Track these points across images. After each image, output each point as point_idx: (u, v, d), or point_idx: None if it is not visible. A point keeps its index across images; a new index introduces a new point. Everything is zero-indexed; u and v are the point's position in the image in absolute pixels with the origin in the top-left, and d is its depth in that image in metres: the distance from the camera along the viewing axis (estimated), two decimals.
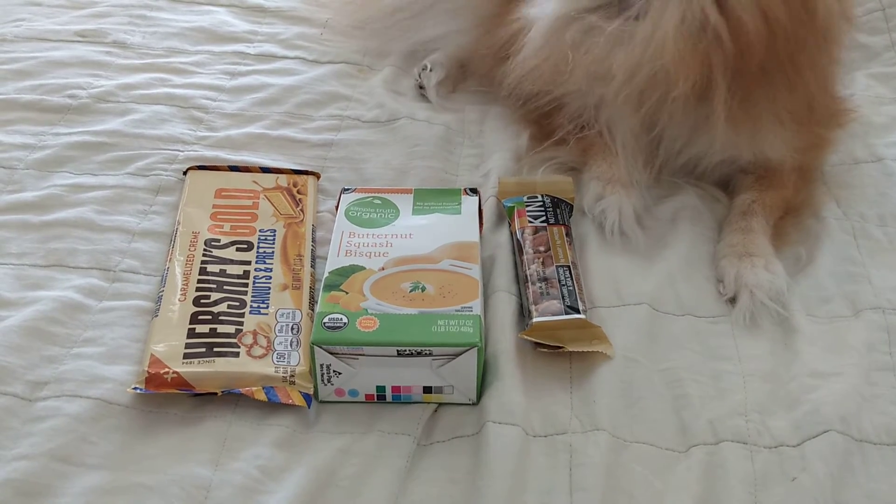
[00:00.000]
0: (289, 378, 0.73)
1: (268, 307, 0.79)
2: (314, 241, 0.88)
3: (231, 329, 0.76)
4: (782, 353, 0.80)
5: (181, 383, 0.72)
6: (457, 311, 0.74)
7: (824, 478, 0.68)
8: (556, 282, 0.81)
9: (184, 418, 0.72)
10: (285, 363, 0.74)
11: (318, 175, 0.97)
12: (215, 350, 0.74)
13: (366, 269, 0.78)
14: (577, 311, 0.79)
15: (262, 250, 0.85)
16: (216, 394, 0.73)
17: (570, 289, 0.81)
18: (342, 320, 0.73)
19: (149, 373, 0.72)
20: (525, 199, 0.92)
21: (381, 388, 0.73)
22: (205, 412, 0.73)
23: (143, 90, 1.10)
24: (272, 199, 0.91)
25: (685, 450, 0.71)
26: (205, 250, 0.84)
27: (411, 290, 0.76)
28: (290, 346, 0.76)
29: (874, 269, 0.88)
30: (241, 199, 0.91)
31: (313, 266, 0.85)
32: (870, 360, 0.78)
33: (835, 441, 0.71)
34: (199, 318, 0.77)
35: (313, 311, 0.79)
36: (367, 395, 0.74)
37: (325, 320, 0.73)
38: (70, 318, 0.79)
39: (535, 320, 0.79)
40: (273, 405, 0.73)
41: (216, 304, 0.79)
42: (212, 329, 0.76)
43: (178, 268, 0.82)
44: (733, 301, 0.84)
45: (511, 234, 0.90)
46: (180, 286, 0.80)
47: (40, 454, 0.68)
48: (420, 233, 0.83)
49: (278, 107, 1.10)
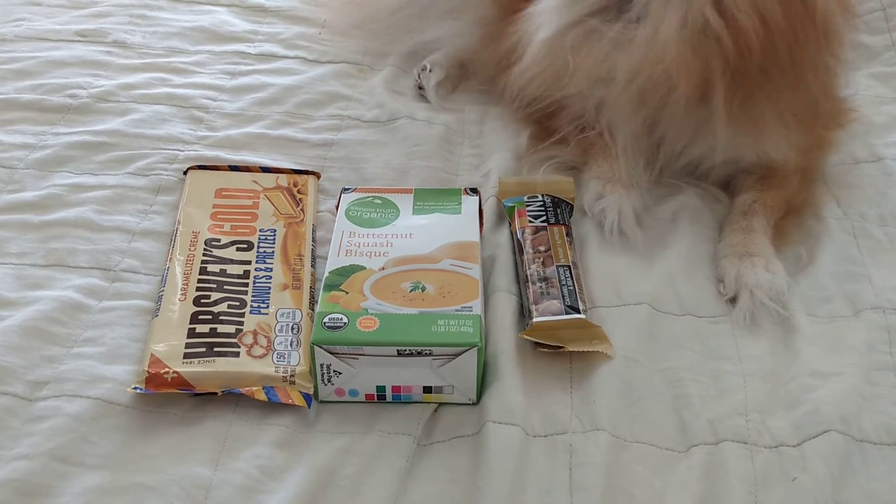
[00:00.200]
0: (289, 378, 0.73)
1: (268, 307, 0.79)
2: (314, 240, 0.88)
3: (231, 329, 0.76)
4: (782, 353, 0.80)
5: (181, 383, 0.72)
6: (457, 310, 0.74)
7: (824, 478, 0.68)
8: (556, 282, 0.81)
9: (184, 418, 0.72)
10: (285, 363, 0.74)
11: (318, 175, 0.97)
12: (215, 350, 0.74)
13: (366, 268, 0.78)
14: (578, 311, 0.79)
15: (262, 250, 0.85)
16: (216, 394, 0.73)
17: (571, 289, 0.81)
18: (342, 320, 0.73)
19: (149, 372, 0.72)
20: (525, 198, 0.92)
21: (381, 388, 0.73)
22: (205, 412, 0.73)
23: (144, 90, 1.10)
24: (272, 198, 0.91)
25: (685, 450, 0.71)
26: (205, 250, 0.84)
27: (411, 290, 0.76)
28: (291, 345, 0.76)
29: (874, 268, 0.88)
30: (241, 199, 0.91)
31: (313, 266, 0.85)
32: (870, 360, 0.78)
33: (835, 441, 0.71)
34: (200, 317, 0.77)
35: (313, 310, 0.79)
36: (367, 395, 0.74)
37: (326, 320, 0.73)
38: (70, 318, 0.79)
39: (535, 320, 0.79)
40: (273, 405, 0.73)
41: (216, 303, 0.79)
42: (212, 329, 0.76)
43: (179, 267, 0.82)
44: (734, 301, 0.84)
45: (511, 233, 0.90)
46: (180, 286, 0.80)
47: (40, 454, 0.68)
48: (420, 233, 0.83)
49: (278, 106, 1.10)
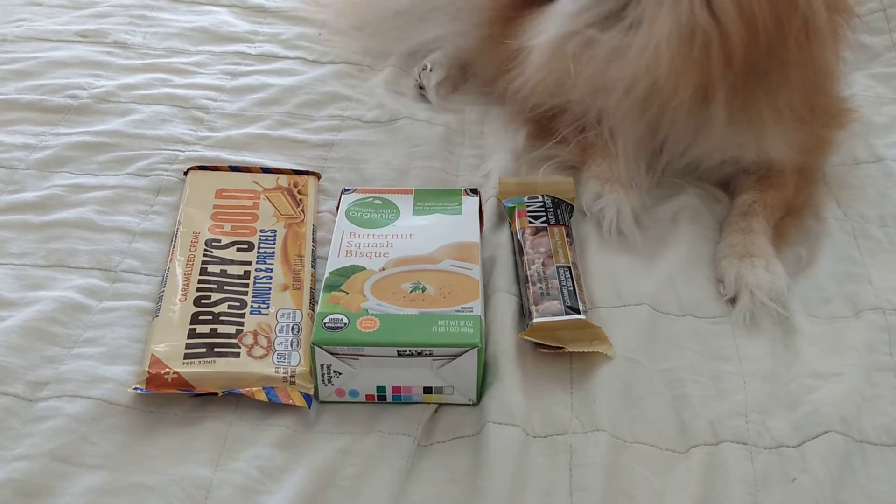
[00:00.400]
0: (289, 378, 0.73)
1: (268, 307, 0.79)
2: (315, 241, 0.88)
3: (231, 329, 0.76)
4: (782, 354, 0.80)
5: (182, 383, 0.72)
6: (457, 311, 0.74)
7: (824, 478, 0.68)
8: (556, 282, 0.81)
9: (184, 418, 0.72)
10: (286, 363, 0.74)
11: (318, 175, 0.97)
12: (216, 350, 0.74)
13: (366, 269, 0.78)
14: (578, 312, 0.79)
15: (262, 250, 0.85)
16: (216, 394, 0.73)
17: (571, 289, 0.81)
18: (343, 321, 0.73)
19: (149, 373, 0.72)
20: (525, 199, 0.92)
21: (381, 389, 0.73)
22: (205, 412, 0.73)
23: (144, 90, 1.10)
24: (273, 199, 0.91)
25: (685, 450, 0.71)
26: (205, 250, 0.84)
27: (412, 291, 0.76)
28: (291, 346, 0.76)
29: (874, 269, 0.88)
30: (241, 200, 0.91)
31: (314, 266, 0.85)
32: (870, 361, 0.78)
33: (835, 442, 0.71)
34: (200, 318, 0.77)
35: (314, 311, 0.79)
36: (367, 396, 0.74)
37: (326, 321, 0.73)
38: (71, 319, 0.79)
39: (535, 321, 0.79)
40: (273, 405, 0.73)
41: (217, 304, 0.79)
42: (212, 329, 0.76)
43: (179, 268, 0.82)
44: (733, 301, 0.84)
45: (511, 234, 0.90)
46: (181, 286, 0.80)
47: (41, 454, 0.68)
48: (420, 233, 0.83)
49: (279, 107, 1.10)
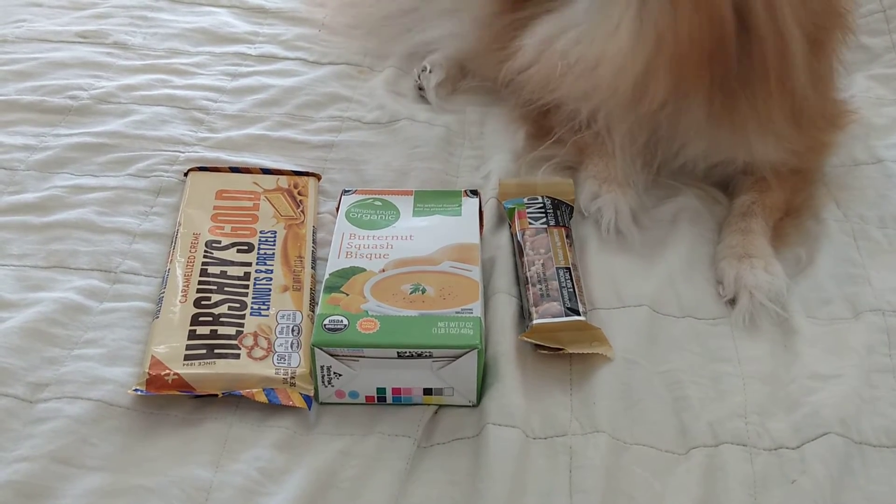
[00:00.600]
0: (289, 380, 0.73)
1: (268, 309, 0.79)
2: (315, 242, 0.88)
3: (232, 330, 0.76)
4: (782, 355, 0.80)
5: (182, 385, 0.72)
6: (457, 312, 0.74)
7: (824, 480, 0.68)
8: (556, 284, 0.82)
9: (184, 420, 0.72)
10: (286, 365, 0.74)
11: (318, 176, 0.97)
12: (216, 352, 0.75)
13: (366, 270, 0.78)
14: (578, 313, 0.79)
15: (262, 252, 0.85)
16: (217, 395, 0.73)
17: (571, 291, 0.81)
18: (343, 322, 0.73)
19: (149, 374, 0.72)
20: (525, 200, 0.92)
21: (381, 390, 0.74)
22: (205, 414, 0.73)
23: (144, 91, 1.10)
24: (273, 200, 0.91)
25: (685, 452, 0.71)
26: (205, 252, 0.84)
27: (412, 292, 0.76)
28: (291, 347, 0.76)
29: (874, 270, 0.88)
30: (241, 201, 0.91)
31: (314, 267, 0.85)
32: (870, 362, 0.78)
33: (834, 443, 0.71)
34: (200, 319, 0.77)
35: (314, 312, 0.79)
36: (367, 397, 0.74)
37: (326, 322, 0.73)
38: (71, 320, 0.79)
39: (535, 322, 0.79)
40: (273, 407, 0.73)
41: (217, 305, 0.79)
42: (212, 330, 0.76)
43: (179, 269, 0.82)
44: (733, 302, 0.84)
45: (511, 235, 0.90)
46: (181, 287, 0.80)
47: (41, 456, 0.68)
48: (420, 234, 0.83)
49: (279, 108, 1.10)
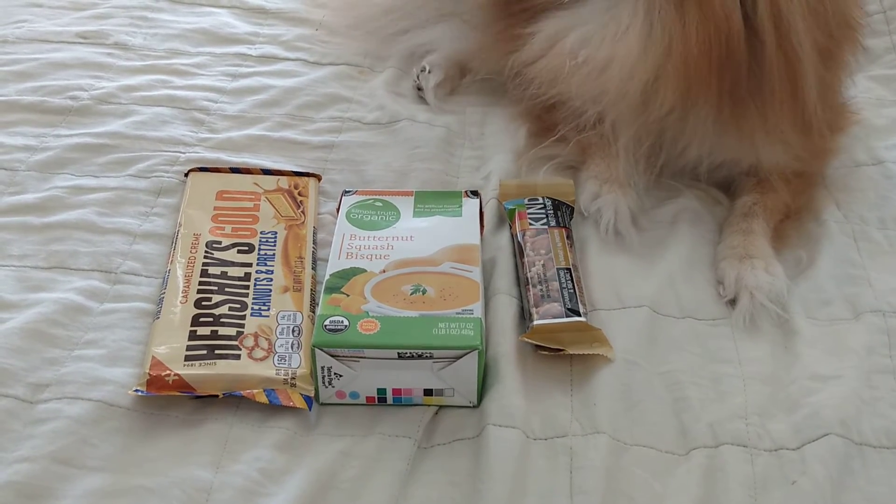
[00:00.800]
0: (290, 380, 0.73)
1: (269, 309, 0.79)
2: (315, 243, 0.88)
3: (232, 331, 0.76)
4: (782, 356, 0.80)
5: (182, 385, 0.72)
6: (457, 313, 0.74)
7: (824, 481, 0.68)
8: (556, 284, 0.81)
9: (185, 420, 0.72)
10: (286, 365, 0.74)
11: (319, 177, 0.97)
12: (216, 352, 0.75)
13: (367, 271, 0.78)
14: (578, 314, 0.79)
15: (263, 252, 0.85)
16: (217, 396, 0.73)
17: (571, 291, 0.81)
18: (343, 323, 0.73)
19: (150, 375, 0.72)
20: (526, 201, 0.92)
21: (381, 391, 0.74)
22: (206, 414, 0.73)
23: (145, 92, 1.10)
24: (273, 201, 0.91)
25: (685, 453, 0.71)
26: (206, 252, 0.84)
27: (412, 293, 0.76)
28: (291, 348, 0.76)
29: (874, 271, 0.88)
30: (242, 201, 0.91)
31: (314, 268, 0.85)
32: (870, 363, 0.78)
33: (835, 444, 0.71)
34: (201, 320, 0.77)
35: (314, 313, 0.79)
36: (367, 398, 0.74)
37: (326, 323, 0.73)
38: (71, 321, 0.79)
39: (535, 323, 0.79)
40: (274, 407, 0.73)
41: (217, 306, 0.79)
42: (213, 331, 0.76)
43: (180, 270, 0.82)
44: (733, 303, 0.84)
45: (512, 236, 0.90)
46: (181, 288, 0.80)
47: (41, 456, 0.68)
48: (421, 235, 0.83)
49: (279, 108, 1.10)
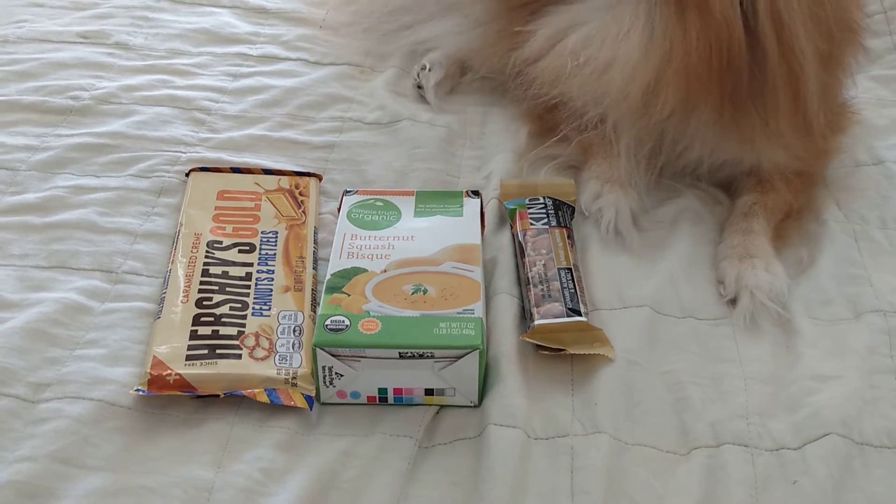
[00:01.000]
0: (291, 380, 0.73)
1: (270, 309, 0.79)
2: (316, 242, 0.88)
3: (233, 331, 0.77)
4: (783, 356, 0.80)
5: (183, 385, 0.72)
6: (458, 313, 0.74)
7: (825, 481, 0.68)
8: (557, 284, 0.82)
9: (186, 420, 0.72)
10: (287, 365, 0.74)
11: (319, 177, 0.97)
12: (217, 352, 0.75)
13: (368, 271, 0.78)
14: (579, 314, 0.79)
15: (264, 252, 0.85)
16: (218, 395, 0.73)
17: (572, 291, 0.81)
18: (344, 322, 0.73)
19: (151, 374, 0.73)
20: (527, 201, 0.92)
21: (382, 391, 0.74)
22: (207, 414, 0.73)
23: (146, 92, 1.10)
24: (274, 200, 0.91)
25: (686, 452, 0.71)
26: (207, 252, 0.84)
27: (413, 293, 0.76)
28: (292, 347, 0.76)
29: (875, 271, 0.88)
30: (243, 201, 0.91)
31: (315, 268, 0.85)
32: (871, 363, 0.78)
33: (836, 444, 0.71)
34: (202, 319, 0.77)
35: (315, 313, 0.79)
36: (368, 397, 0.74)
37: (327, 322, 0.73)
38: (72, 320, 0.79)
39: (536, 323, 0.79)
40: (275, 407, 0.73)
41: (218, 305, 0.79)
42: (214, 331, 0.76)
43: (181, 269, 0.82)
44: (734, 302, 0.84)
45: (513, 236, 0.90)
46: (182, 288, 0.80)
47: (42, 456, 0.68)
48: (422, 235, 0.83)
49: (280, 108, 1.10)
